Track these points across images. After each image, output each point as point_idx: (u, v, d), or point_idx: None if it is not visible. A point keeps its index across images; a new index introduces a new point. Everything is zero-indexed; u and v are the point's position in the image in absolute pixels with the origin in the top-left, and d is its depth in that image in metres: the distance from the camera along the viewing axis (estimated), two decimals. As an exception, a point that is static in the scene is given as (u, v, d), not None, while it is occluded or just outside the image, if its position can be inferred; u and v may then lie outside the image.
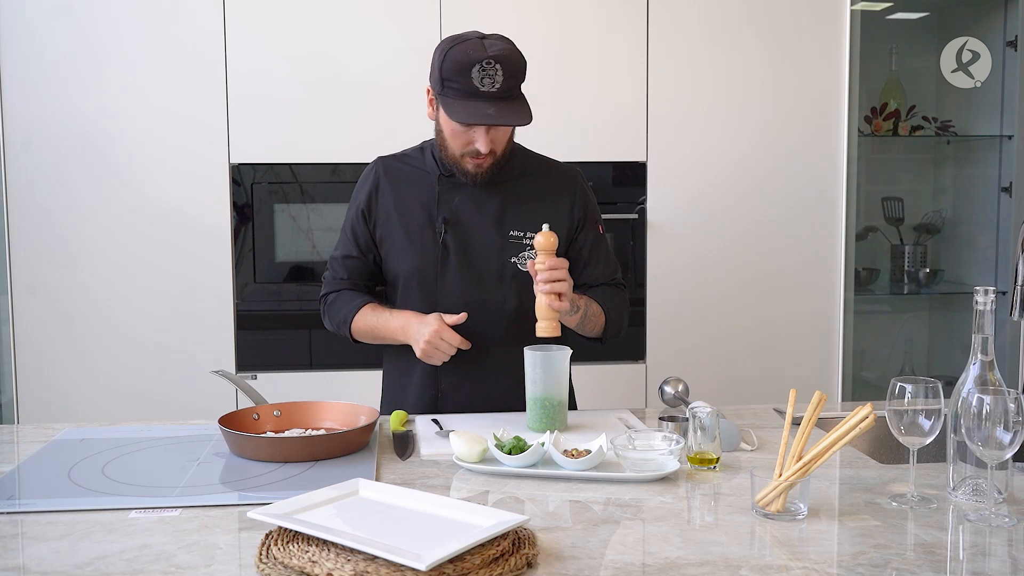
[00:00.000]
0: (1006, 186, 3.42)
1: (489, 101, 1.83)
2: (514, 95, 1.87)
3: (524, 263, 2.00)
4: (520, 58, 1.88)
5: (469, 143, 1.91)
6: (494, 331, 1.99)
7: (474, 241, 2.00)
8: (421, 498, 1.36)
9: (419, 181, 2.03)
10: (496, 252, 2.00)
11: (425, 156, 2.06)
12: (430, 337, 1.90)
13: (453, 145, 1.93)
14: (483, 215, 2.00)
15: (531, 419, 1.84)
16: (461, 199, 2.01)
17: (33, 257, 2.89)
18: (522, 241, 2.00)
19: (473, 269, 2.00)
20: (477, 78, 1.81)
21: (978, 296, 1.43)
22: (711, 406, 1.66)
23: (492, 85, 1.82)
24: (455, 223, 2.00)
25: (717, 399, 1.86)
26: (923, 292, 3.62)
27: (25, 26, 2.84)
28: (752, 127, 3.11)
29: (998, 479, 1.41)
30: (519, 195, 2.02)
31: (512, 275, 2.00)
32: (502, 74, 1.82)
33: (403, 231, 2.01)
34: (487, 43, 1.85)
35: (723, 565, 1.19)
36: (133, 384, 2.94)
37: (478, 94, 1.82)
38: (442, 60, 1.86)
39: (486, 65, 1.81)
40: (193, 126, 2.91)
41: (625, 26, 3.03)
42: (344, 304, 2.06)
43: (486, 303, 1.99)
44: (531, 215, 2.01)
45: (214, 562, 1.21)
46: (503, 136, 1.94)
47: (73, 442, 1.77)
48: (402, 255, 2.02)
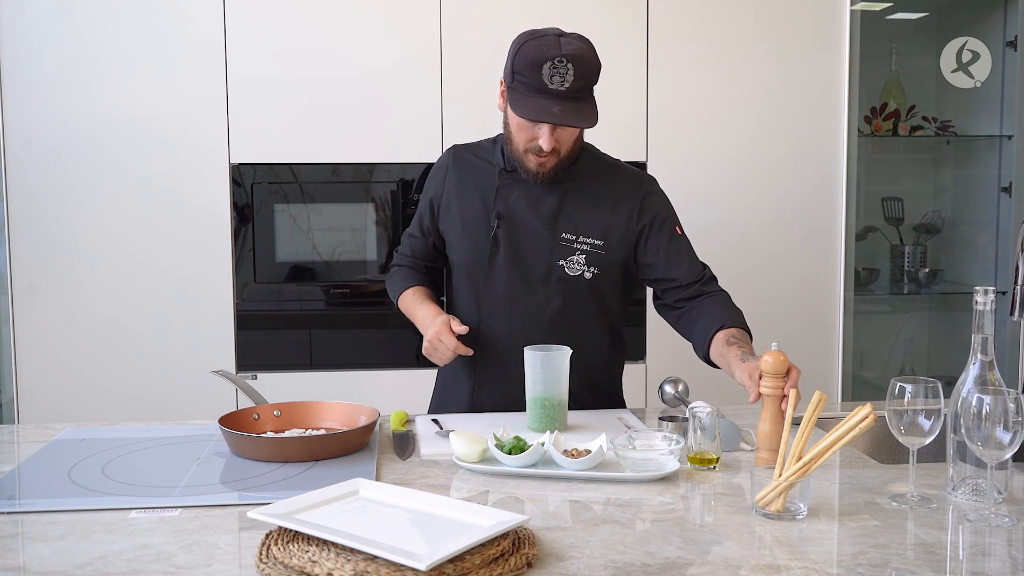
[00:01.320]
0: (1006, 186, 3.42)
1: (555, 100, 1.81)
2: (583, 96, 1.84)
3: (572, 267, 1.98)
4: (595, 60, 1.86)
5: (533, 139, 1.89)
6: (534, 331, 1.97)
7: (525, 239, 1.98)
8: (421, 498, 1.36)
9: (483, 173, 2.03)
10: (546, 252, 1.98)
11: (496, 148, 2.05)
12: (431, 337, 1.92)
13: (518, 139, 1.92)
14: (538, 214, 1.98)
15: (531, 419, 1.84)
16: (518, 195, 1.99)
17: (33, 257, 2.89)
18: (573, 245, 1.98)
19: (520, 266, 1.98)
20: (547, 75, 1.80)
21: (978, 296, 1.43)
22: (711, 406, 1.66)
23: (561, 84, 1.80)
24: (509, 219, 1.98)
25: (717, 399, 1.86)
26: (923, 292, 3.62)
27: (25, 26, 2.84)
28: (752, 127, 3.11)
29: (998, 479, 1.41)
30: (577, 198, 1.99)
31: (558, 278, 1.98)
32: (573, 74, 1.80)
33: (460, 221, 2.03)
34: (563, 41, 1.85)
35: (723, 565, 1.19)
36: (133, 384, 2.94)
37: (546, 91, 1.81)
38: (515, 53, 1.85)
39: (558, 63, 1.80)
40: (193, 126, 2.91)
41: (625, 26, 3.02)
42: (397, 281, 2.15)
43: (529, 302, 1.99)
44: (585, 220, 1.98)
45: (214, 562, 1.21)
46: (568, 136, 1.91)
47: (73, 442, 1.77)
48: (457, 244, 2.04)
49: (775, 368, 1.60)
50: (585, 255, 1.97)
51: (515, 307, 1.98)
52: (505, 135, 1.96)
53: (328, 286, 3.00)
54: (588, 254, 1.97)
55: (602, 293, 2.02)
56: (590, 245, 1.98)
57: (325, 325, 3.02)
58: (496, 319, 2.00)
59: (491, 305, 2.00)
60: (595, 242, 1.98)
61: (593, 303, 2.01)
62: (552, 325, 1.98)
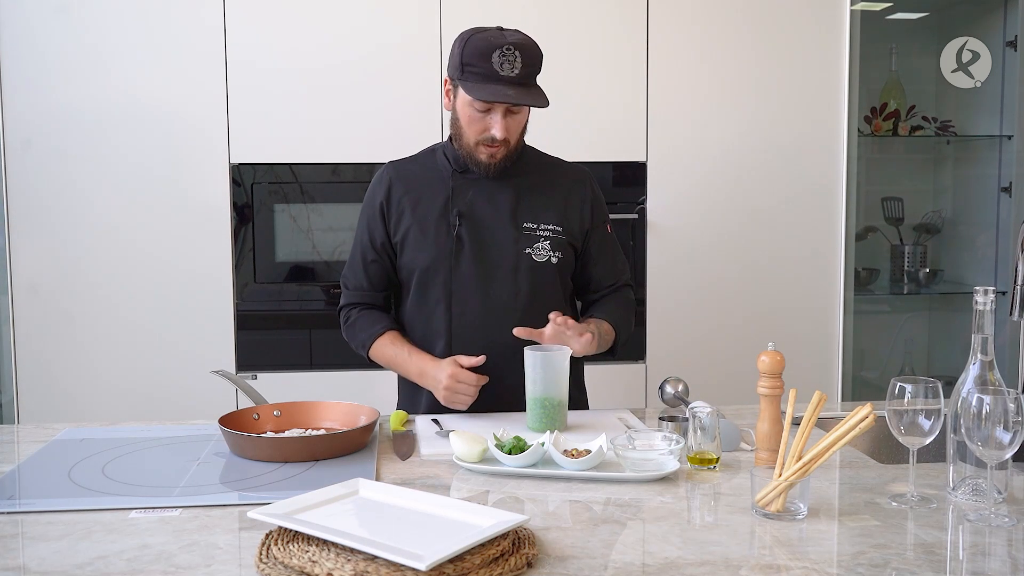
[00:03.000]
0: (1006, 186, 3.42)
1: (508, 84, 1.88)
2: (531, 83, 1.92)
3: (539, 254, 2.03)
4: (538, 49, 1.94)
5: (485, 129, 1.94)
6: (508, 322, 1.98)
7: (488, 233, 2.02)
8: (421, 498, 1.36)
9: (432, 179, 2.06)
10: (511, 244, 2.02)
11: (436, 156, 2.10)
12: (447, 383, 1.92)
13: (469, 132, 1.96)
14: (497, 208, 2.03)
15: (531, 419, 1.84)
16: (475, 193, 2.03)
17: (33, 257, 2.89)
18: (536, 232, 2.03)
19: (487, 261, 2.02)
20: (497, 63, 1.87)
21: (978, 296, 1.43)
22: (711, 406, 1.66)
23: (511, 70, 1.88)
24: (469, 216, 2.02)
25: (717, 399, 1.86)
26: (923, 292, 3.62)
27: (25, 26, 2.84)
28: (752, 127, 3.11)
29: (998, 479, 1.41)
30: (530, 189, 2.06)
31: (527, 266, 2.02)
32: (521, 61, 1.88)
33: (418, 227, 2.03)
34: (507, 33, 1.94)
35: (723, 565, 1.19)
36: (133, 384, 2.94)
37: (498, 78, 1.88)
38: (463, 46, 1.92)
39: (506, 51, 1.88)
40: (193, 126, 2.91)
41: (625, 26, 3.02)
42: (364, 328, 2.09)
43: (501, 293, 2.01)
44: (542, 208, 2.05)
45: (214, 562, 1.21)
46: (517, 125, 1.98)
47: (73, 442, 1.77)
48: (417, 250, 2.04)
49: (771, 368, 1.60)
50: (549, 240, 2.03)
51: (487, 300, 2.01)
52: (453, 131, 2.02)
53: (328, 286, 3.00)
54: (551, 239, 2.04)
55: (566, 279, 2.09)
56: (551, 231, 2.04)
57: (325, 325, 3.02)
58: (469, 315, 2.02)
59: (462, 302, 2.02)
60: (555, 227, 2.05)
61: (560, 289, 2.08)
62: (524, 315, 2.00)
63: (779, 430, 1.58)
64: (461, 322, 2.02)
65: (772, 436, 1.59)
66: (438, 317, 2.03)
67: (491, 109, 1.92)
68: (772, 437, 1.59)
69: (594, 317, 2.08)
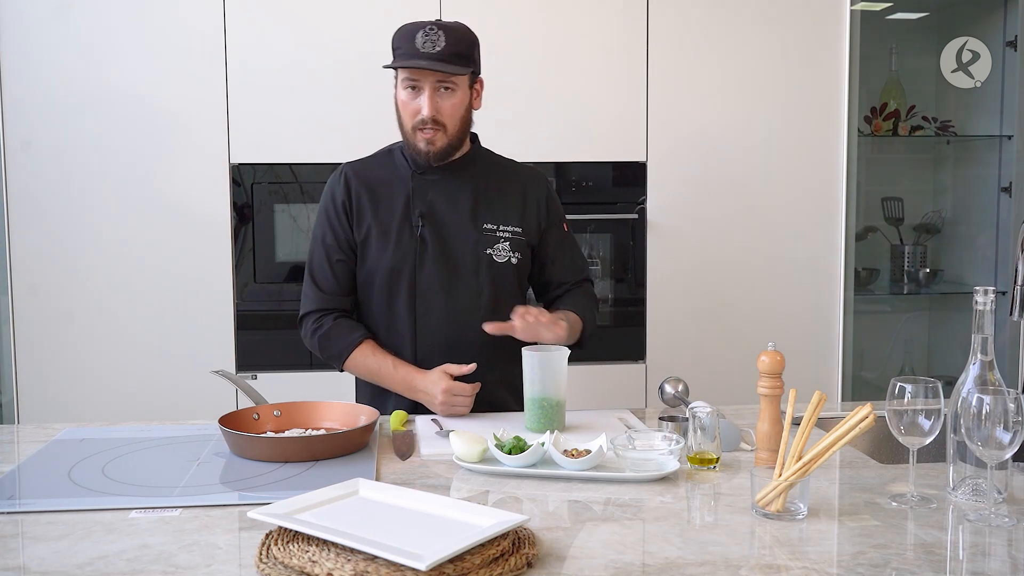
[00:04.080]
0: (1006, 186, 3.42)
1: (428, 60, 1.91)
2: (455, 61, 1.93)
3: (499, 255, 2.05)
4: (467, 31, 1.97)
5: (417, 112, 1.96)
6: (471, 322, 2.00)
7: (450, 234, 2.04)
8: (421, 498, 1.36)
9: (391, 180, 2.07)
10: (472, 244, 2.04)
11: (393, 156, 2.11)
12: (443, 398, 1.92)
13: (405, 118, 1.99)
14: (458, 209, 2.04)
15: (529, 419, 1.84)
16: (434, 194, 2.05)
17: (33, 257, 2.89)
18: (496, 233, 2.05)
19: (450, 261, 2.03)
20: (420, 41, 1.92)
21: (978, 296, 1.43)
22: (711, 406, 1.66)
23: (432, 48, 1.91)
24: (431, 217, 2.03)
25: (717, 399, 1.86)
26: (923, 292, 3.62)
27: (25, 26, 2.84)
28: (752, 127, 3.11)
29: (998, 479, 1.41)
30: (489, 190, 2.08)
31: (488, 265, 2.04)
32: (444, 40, 1.92)
33: (379, 228, 2.04)
34: (439, 21, 1.97)
35: (723, 565, 1.19)
36: (133, 384, 2.94)
37: (419, 54, 1.91)
38: (395, 33, 1.97)
39: (429, 31, 1.92)
40: (193, 126, 2.91)
41: (625, 26, 3.03)
42: (339, 338, 2.05)
43: (463, 294, 2.03)
44: (501, 209, 2.07)
45: (214, 562, 1.21)
46: (450, 108, 1.97)
47: (73, 442, 1.77)
48: (380, 252, 2.04)
49: (771, 368, 1.60)
50: (509, 242, 2.05)
51: (450, 301, 2.02)
52: (398, 125, 2.03)
53: (328, 286, 2.99)
54: (511, 240, 2.06)
55: (523, 280, 2.12)
56: (511, 232, 2.06)
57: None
58: (433, 316, 2.03)
59: (426, 303, 2.02)
60: (515, 228, 2.07)
61: (520, 290, 2.11)
62: (487, 314, 2.00)
63: (779, 430, 1.58)
64: (425, 323, 2.03)
65: (772, 436, 1.59)
66: (402, 319, 2.04)
67: (418, 86, 1.94)
68: (772, 437, 1.59)
69: (560, 309, 2.07)
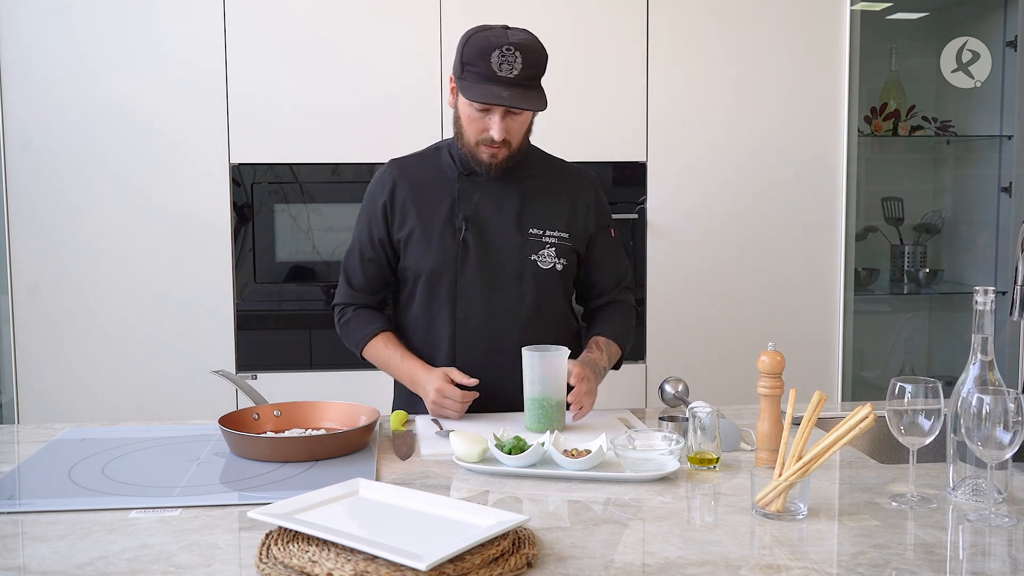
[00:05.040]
0: (1006, 186, 3.42)
1: (505, 86, 1.85)
2: (532, 85, 1.88)
3: (544, 261, 2.01)
4: (541, 50, 1.91)
5: (484, 130, 1.91)
6: (512, 328, 1.98)
7: (494, 239, 2.00)
8: (421, 498, 1.36)
9: (437, 180, 2.03)
10: (516, 250, 2.00)
11: (441, 155, 2.06)
12: (434, 397, 1.90)
13: (469, 132, 1.94)
14: (503, 213, 2.00)
15: (529, 419, 1.84)
16: (480, 197, 2.00)
17: (33, 257, 2.89)
18: (542, 239, 2.01)
19: (492, 267, 2.00)
20: (496, 63, 1.84)
21: (978, 296, 1.43)
22: (711, 406, 1.66)
23: (510, 71, 1.84)
24: (475, 220, 1.99)
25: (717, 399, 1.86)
26: (923, 292, 3.62)
27: (25, 26, 2.84)
28: (752, 127, 3.11)
29: (998, 479, 1.41)
30: (538, 193, 2.03)
31: (532, 273, 2.00)
32: (521, 62, 1.85)
33: (422, 229, 2.00)
34: (510, 32, 1.90)
35: (723, 565, 1.20)
36: (133, 384, 2.94)
37: (495, 78, 1.85)
38: (464, 45, 1.89)
39: (506, 51, 1.84)
40: (193, 126, 2.91)
41: (625, 26, 3.03)
42: (358, 328, 2.07)
43: (505, 299, 2.00)
44: (549, 213, 2.03)
45: (214, 562, 1.21)
46: (518, 127, 1.94)
47: (73, 442, 1.77)
48: (421, 253, 2.00)
49: (771, 368, 1.60)
50: (554, 247, 2.02)
51: (491, 306, 1.99)
52: (455, 130, 1.99)
53: (328, 286, 3.00)
54: (556, 246, 2.02)
55: (568, 285, 2.09)
56: (557, 237, 2.02)
57: (325, 325, 3.00)
58: (473, 321, 2.00)
59: (467, 307, 1.99)
60: (561, 234, 2.03)
61: (563, 296, 2.07)
62: (529, 321, 1.99)
63: (779, 430, 1.58)
64: (465, 328, 2.00)
65: (772, 436, 1.59)
66: (441, 322, 2.01)
67: (490, 110, 1.89)
68: (772, 437, 1.59)
69: (601, 336, 2.05)
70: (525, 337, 1.95)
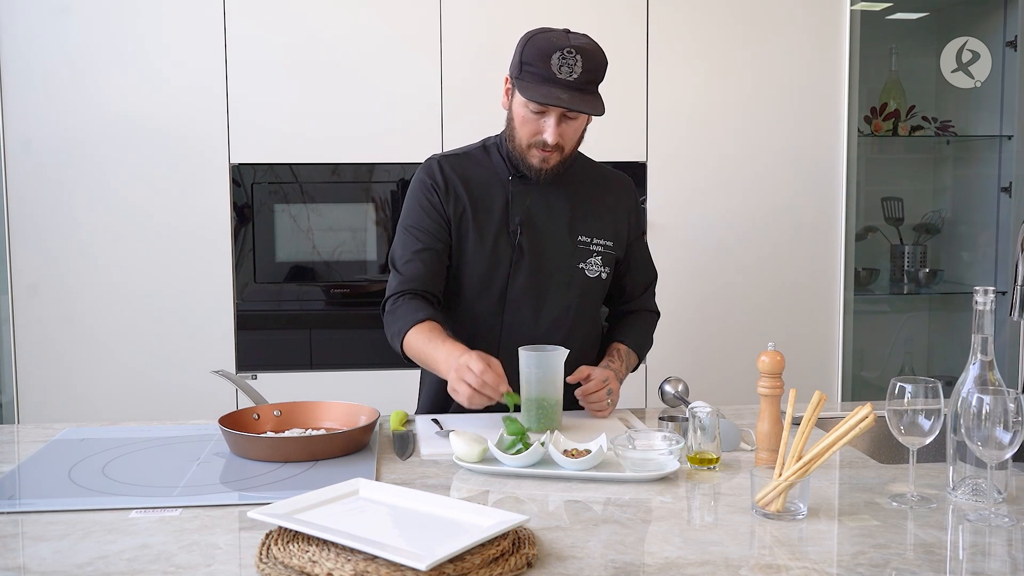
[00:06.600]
0: (1006, 186, 3.42)
1: (564, 88, 1.83)
2: (590, 90, 1.86)
3: (591, 269, 2.00)
4: (602, 56, 1.89)
5: (538, 133, 1.89)
6: (557, 333, 1.97)
7: (547, 245, 1.97)
8: (421, 498, 1.36)
9: (489, 180, 1.98)
10: (567, 257, 1.98)
11: (490, 155, 2.01)
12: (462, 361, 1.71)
13: (522, 134, 1.90)
14: (554, 219, 1.98)
15: (527, 419, 1.83)
16: (533, 200, 1.97)
17: (33, 257, 2.89)
18: (590, 247, 2.00)
19: (543, 272, 1.97)
20: (556, 65, 1.82)
21: (978, 296, 1.43)
22: (711, 406, 1.66)
23: (570, 74, 1.82)
24: (529, 225, 1.97)
25: (717, 399, 1.86)
26: (923, 292, 3.62)
27: (25, 26, 2.84)
28: (752, 127, 3.11)
29: (998, 479, 1.41)
30: (585, 200, 2.01)
31: (579, 280, 1.99)
32: (581, 65, 1.83)
33: (476, 231, 1.96)
34: (571, 36, 1.88)
35: (723, 565, 1.19)
36: (133, 384, 2.94)
37: (555, 80, 1.82)
38: (524, 45, 1.87)
39: (567, 54, 1.82)
40: (193, 126, 2.91)
41: (625, 26, 3.03)
42: (407, 313, 1.88)
43: (553, 306, 1.98)
44: (596, 221, 2.02)
45: (214, 562, 1.21)
46: (572, 132, 1.92)
47: (73, 442, 1.77)
48: (474, 254, 1.96)
49: (771, 368, 1.60)
50: (601, 256, 2.01)
51: (538, 313, 1.97)
52: (508, 132, 1.95)
53: (328, 286, 3.00)
54: (603, 255, 2.01)
55: (605, 293, 2.07)
56: (603, 246, 2.01)
57: (325, 325, 3.02)
58: (520, 326, 1.97)
59: (515, 312, 1.97)
60: (607, 243, 2.02)
61: (600, 303, 2.07)
62: (570, 329, 1.99)
63: (779, 430, 1.58)
64: (511, 332, 1.97)
65: (772, 436, 1.59)
66: (489, 326, 1.98)
67: (546, 112, 1.86)
68: (772, 437, 1.59)
69: (623, 344, 2.05)
70: (565, 344, 1.88)
